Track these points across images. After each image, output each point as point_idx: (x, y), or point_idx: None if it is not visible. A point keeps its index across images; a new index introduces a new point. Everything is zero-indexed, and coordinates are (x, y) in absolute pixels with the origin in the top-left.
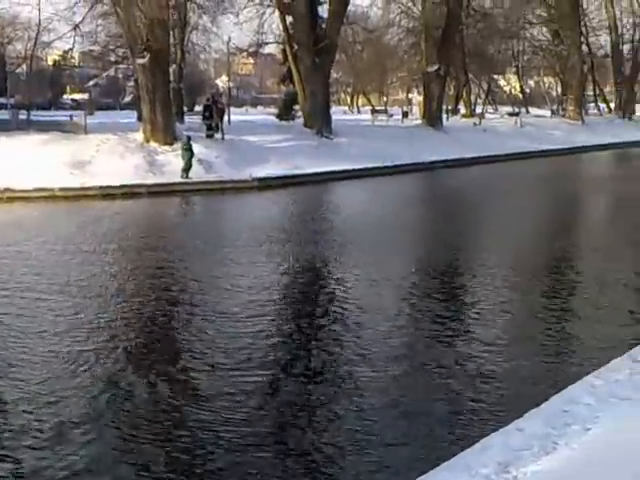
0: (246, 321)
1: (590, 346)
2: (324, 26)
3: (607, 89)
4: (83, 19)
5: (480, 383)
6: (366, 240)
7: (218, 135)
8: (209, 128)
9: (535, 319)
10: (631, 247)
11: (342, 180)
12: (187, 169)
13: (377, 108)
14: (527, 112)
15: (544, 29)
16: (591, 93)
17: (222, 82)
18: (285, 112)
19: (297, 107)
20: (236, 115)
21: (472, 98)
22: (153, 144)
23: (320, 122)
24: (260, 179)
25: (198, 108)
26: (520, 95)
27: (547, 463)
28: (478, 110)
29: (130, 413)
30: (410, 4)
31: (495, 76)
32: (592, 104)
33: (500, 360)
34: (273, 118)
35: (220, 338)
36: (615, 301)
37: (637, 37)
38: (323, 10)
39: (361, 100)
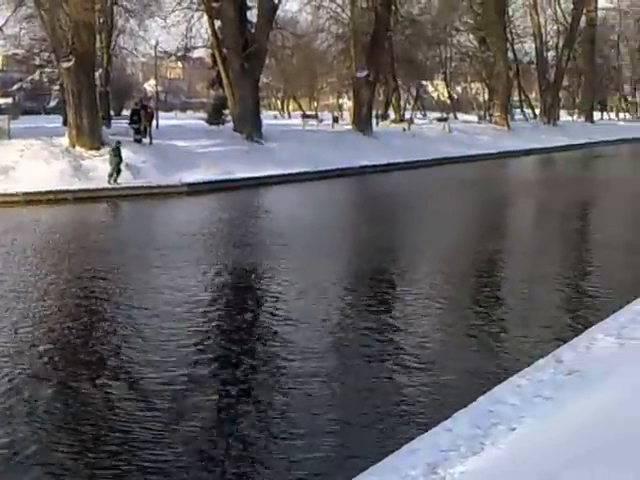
0: (166, 328)
1: (516, 348)
2: (253, 31)
3: (532, 95)
4: (6, 22)
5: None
6: (296, 245)
7: (146, 140)
8: (137, 132)
9: (462, 320)
10: (555, 250)
11: (273, 185)
12: (114, 174)
13: (308, 113)
14: (455, 118)
15: (471, 36)
16: (517, 99)
17: (150, 86)
18: (215, 117)
19: (227, 112)
20: (165, 119)
21: (401, 104)
22: (79, 149)
23: (250, 127)
24: (189, 184)
25: (126, 112)
26: (448, 101)
27: (474, 463)
28: (407, 115)
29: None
30: (339, 10)
31: (424, 82)
32: (518, 110)
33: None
34: (202, 123)
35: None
36: (541, 304)
37: (561, 44)
38: (252, 15)
39: (292, 105)
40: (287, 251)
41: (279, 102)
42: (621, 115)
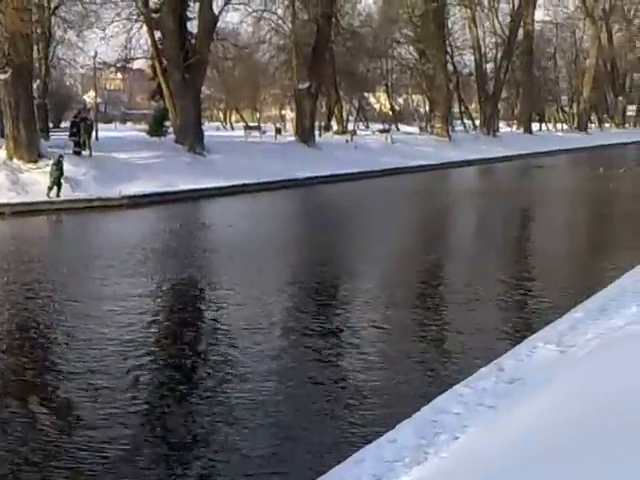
0: (104, 342)
1: (461, 357)
2: (194, 42)
3: (472, 106)
4: None
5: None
6: (238, 257)
7: (85, 152)
8: (76, 145)
9: (405, 328)
10: (495, 258)
11: (216, 197)
12: (54, 187)
13: (250, 124)
14: (397, 129)
15: (411, 48)
16: (457, 110)
17: (89, 98)
18: (156, 128)
19: (168, 123)
20: (104, 131)
21: (344, 115)
22: (17, 161)
23: (192, 138)
24: (130, 197)
25: (64, 124)
26: (390, 112)
27: (418, 473)
28: (350, 127)
29: None
30: (280, 22)
31: (365, 94)
32: (458, 121)
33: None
34: (143, 134)
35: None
36: (481, 313)
37: (499, 56)
38: (192, 26)
39: (234, 116)
40: (228, 264)
41: (221, 113)
42: (558, 126)
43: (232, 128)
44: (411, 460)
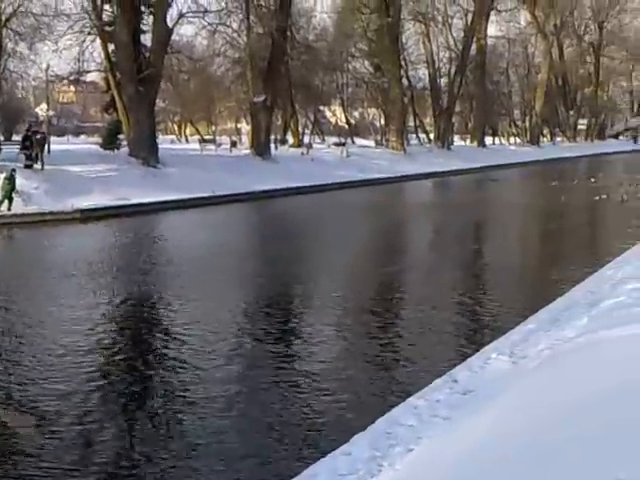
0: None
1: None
2: (148, 55)
3: (427, 120)
4: None
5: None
6: (191, 272)
7: (37, 165)
8: (28, 158)
9: (362, 342)
10: (450, 271)
11: (170, 210)
12: (4, 201)
13: (206, 137)
14: (353, 142)
15: (366, 62)
16: (412, 124)
17: (42, 110)
18: (109, 141)
19: (122, 136)
20: (57, 144)
21: (300, 128)
22: None
23: (146, 151)
24: (82, 210)
25: (16, 137)
26: (346, 126)
27: None
28: (306, 140)
29: None
30: (235, 35)
31: (321, 107)
32: (413, 135)
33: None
34: (97, 147)
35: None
36: (438, 324)
37: (453, 71)
38: (146, 39)
39: (189, 129)
40: (181, 278)
41: (176, 126)
42: (511, 140)
43: (187, 141)
44: (365, 473)
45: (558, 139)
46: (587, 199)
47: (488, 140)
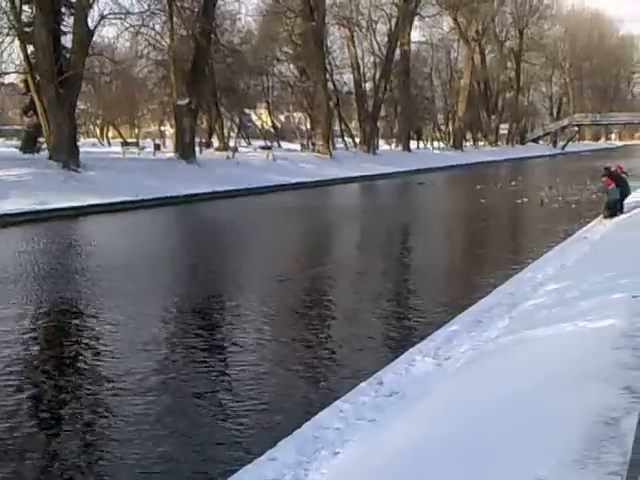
0: None
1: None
2: (68, 56)
3: (352, 124)
4: None
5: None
6: (112, 278)
7: None
8: None
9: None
10: (375, 274)
11: (92, 215)
12: None
13: (128, 140)
14: (279, 146)
15: (292, 66)
16: (338, 128)
17: None
18: (29, 144)
19: (42, 139)
20: None
21: (225, 132)
22: None
23: (67, 155)
24: (0, 215)
25: None
26: (272, 129)
27: None
28: (231, 143)
29: None
30: (158, 37)
31: (247, 110)
32: (340, 139)
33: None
34: (16, 151)
35: None
36: (364, 327)
37: (378, 75)
38: (67, 40)
39: (112, 132)
40: (102, 285)
41: (98, 129)
42: (435, 144)
43: (109, 144)
44: (291, 478)
45: (480, 143)
46: (510, 202)
47: (413, 144)
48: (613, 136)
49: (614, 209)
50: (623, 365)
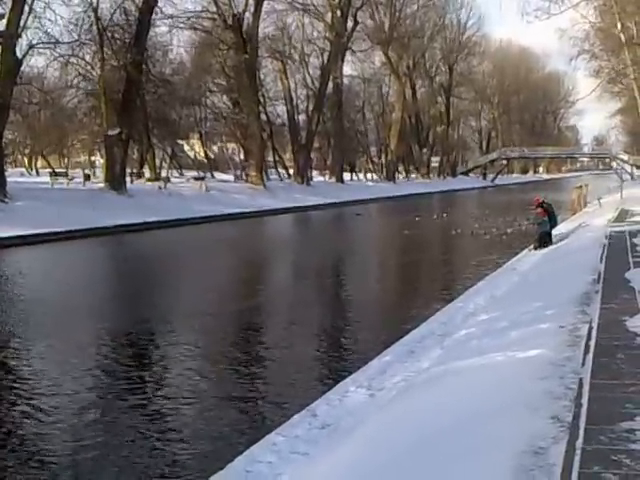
0: None
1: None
2: None
3: (286, 156)
4: None
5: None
6: (36, 314)
7: None
8: None
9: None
10: (309, 307)
11: (18, 247)
12: None
13: (57, 170)
14: (212, 177)
15: (225, 97)
16: (272, 159)
17: None
18: None
19: None
20: None
21: (157, 162)
22: None
23: None
24: None
25: None
26: (205, 160)
27: None
28: (164, 174)
29: None
30: (88, 67)
31: (179, 141)
32: (273, 170)
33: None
34: None
35: None
36: (298, 358)
37: (311, 108)
38: None
39: (40, 162)
40: (29, 320)
41: (26, 159)
42: (369, 176)
43: (38, 174)
44: None
45: (412, 176)
46: (443, 233)
47: (346, 176)
48: (541, 169)
49: (544, 240)
50: (551, 394)
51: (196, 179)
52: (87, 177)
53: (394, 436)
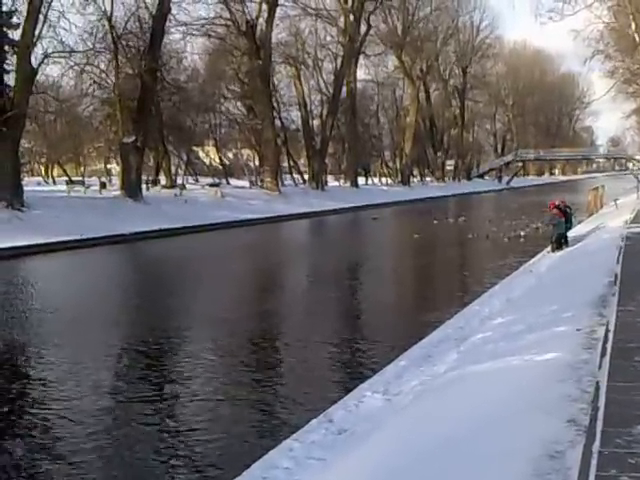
0: None
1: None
2: (12, 95)
3: (301, 161)
4: None
5: None
6: (58, 321)
7: None
8: None
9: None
10: (326, 311)
11: (37, 255)
12: None
13: (74, 179)
14: (227, 183)
15: (239, 103)
16: (287, 165)
17: None
18: None
19: None
20: None
21: (172, 169)
22: None
23: (10, 194)
24: None
25: None
26: (220, 166)
27: None
28: (179, 181)
29: None
30: (103, 75)
31: (194, 148)
32: (288, 175)
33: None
34: None
35: None
36: (315, 363)
37: (325, 113)
38: (10, 79)
39: (57, 170)
40: (48, 328)
41: (43, 168)
42: (383, 180)
43: (54, 183)
44: None
45: (427, 179)
46: (460, 237)
47: (361, 180)
48: (556, 171)
49: (560, 242)
50: (568, 397)
51: (211, 185)
52: (103, 185)
53: (410, 441)
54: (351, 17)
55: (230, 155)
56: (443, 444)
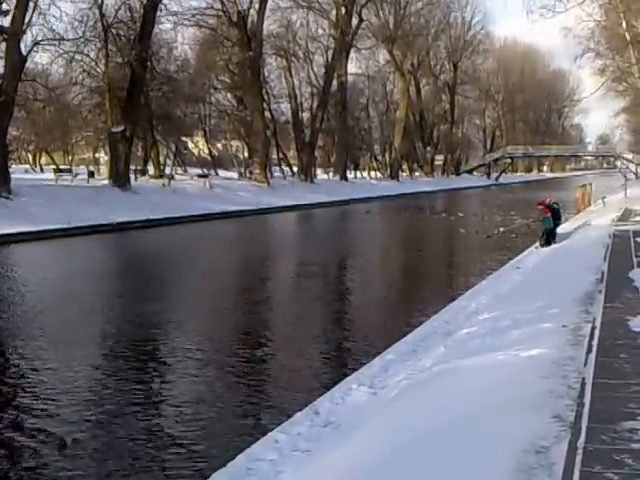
0: None
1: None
2: (0, 82)
3: (290, 153)
4: None
5: None
6: (39, 311)
7: None
8: None
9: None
10: (313, 306)
11: (23, 243)
12: None
13: (62, 167)
14: (216, 174)
15: (229, 94)
16: (276, 157)
17: None
18: None
19: None
20: None
21: (161, 159)
22: None
23: None
24: None
25: None
26: (209, 157)
27: None
28: (167, 171)
29: None
30: (93, 64)
31: (183, 138)
32: (277, 167)
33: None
34: None
35: None
36: (303, 357)
37: (315, 105)
38: None
39: (45, 159)
40: (31, 318)
41: (30, 156)
42: (372, 174)
43: (42, 171)
44: None
45: (416, 174)
46: (449, 232)
47: (350, 174)
48: (545, 168)
49: (548, 238)
50: (553, 393)
51: (200, 176)
52: (91, 174)
53: (396, 434)
54: (343, 10)
55: (219, 146)
56: (428, 438)
